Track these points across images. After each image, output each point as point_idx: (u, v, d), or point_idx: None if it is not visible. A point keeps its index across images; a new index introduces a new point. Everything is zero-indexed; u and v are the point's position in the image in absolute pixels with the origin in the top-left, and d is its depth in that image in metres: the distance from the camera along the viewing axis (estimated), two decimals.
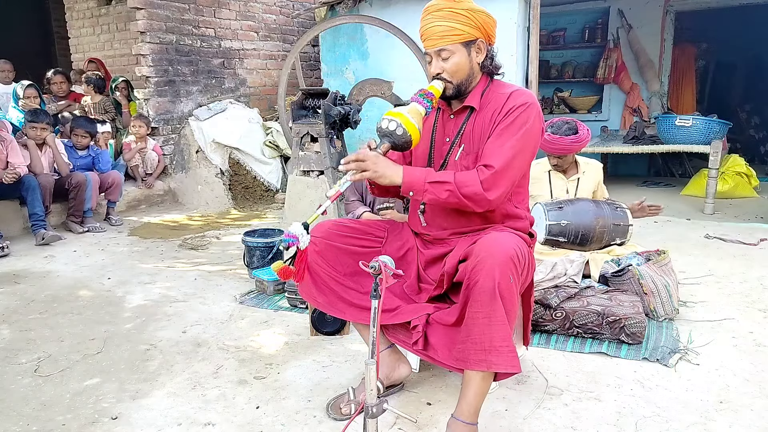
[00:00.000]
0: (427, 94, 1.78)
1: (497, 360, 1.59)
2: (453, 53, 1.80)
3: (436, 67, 1.82)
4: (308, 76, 7.17)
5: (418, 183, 1.76)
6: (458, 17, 1.77)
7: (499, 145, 1.77)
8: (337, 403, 1.98)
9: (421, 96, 1.78)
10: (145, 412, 2.01)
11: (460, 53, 1.80)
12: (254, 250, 3.38)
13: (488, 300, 1.59)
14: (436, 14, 1.79)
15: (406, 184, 1.77)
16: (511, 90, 1.85)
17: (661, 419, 1.89)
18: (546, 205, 3.06)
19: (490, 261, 1.61)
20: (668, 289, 2.65)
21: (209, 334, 2.66)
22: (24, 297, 3.18)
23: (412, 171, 1.79)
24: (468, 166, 1.85)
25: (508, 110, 1.79)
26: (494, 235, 1.72)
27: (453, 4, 1.77)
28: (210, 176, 5.88)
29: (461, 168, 1.85)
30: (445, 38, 1.78)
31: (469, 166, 1.84)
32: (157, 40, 5.70)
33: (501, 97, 1.84)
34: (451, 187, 1.73)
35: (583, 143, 3.15)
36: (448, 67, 1.81)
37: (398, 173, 1.76)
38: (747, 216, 4.84)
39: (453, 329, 1.75)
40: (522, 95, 1.83)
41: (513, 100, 1.80)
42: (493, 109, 1.83)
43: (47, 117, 4.67)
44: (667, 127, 5.13)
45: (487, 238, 1.70)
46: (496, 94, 1.86)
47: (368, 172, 1.72)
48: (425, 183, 1.75)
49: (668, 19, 6.62)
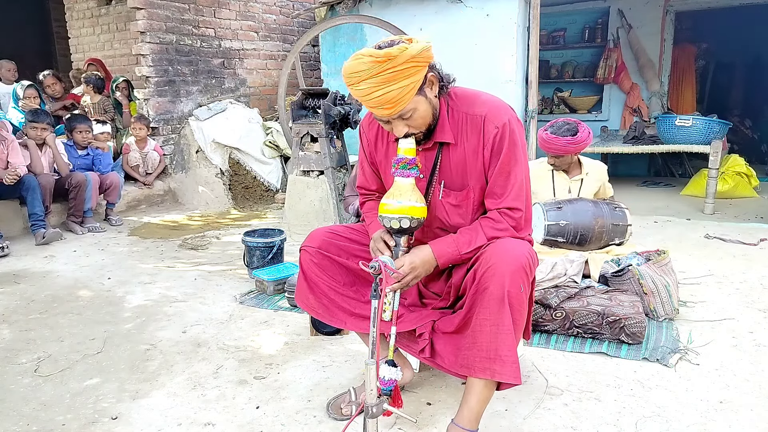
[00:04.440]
0: (409, 162, 1.65)
1: (501, 369, 1.58)
2: (415, 109, 1.60)
3: (400, 128, 1.63)
4: (308, 76, 7.17)
5: (454, 258, 1.72)
6: (403, 74, 1.52)
7: (511, 179, 1.69)
8: (337, 403, 1.98)
9: (404, 168, 1.65)
10: (145, 412, 2.01)
11: (420, 104, 1.61)
12: (254, 250, 3.38)
13: (497, 308, 1.57)
14: (374, 80, 1.51)
15: (444, 264, 1.73)
16: (482, 111, 1.69)
17: (661, 419, 1.89)
18: (545, 206, 3.06)
19: (501, 268, 1.58)
20: (668, 289, 2.65)
21: (209, 334, 2.66)
22: (24, 297, 3.18)
23: (443, 250, 1.71)
24: (454, 203, 1.77)
25: (495, 139, 1.66)
26: (506, 241, 1.68)
27: (389, 63, 1.50)
28: (210, 176, 5.88)
29: (446, 206, 1.78)
30: (401, 101, 1.55)
31: (458, 203, 1.77)
32: (157, 40, 5.70)
33: (475, 121, 1.69)
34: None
35: (581, 145, 3.14)
36: (414, 123, 1.64)
37: (432, 262, 1.70)
38: (747, 216, 4.84)
39: (458, 335, 1.74)
40: (497, 115, 1.67)
41: (492, 126, 1.66)
42: (473, 140, 1.70)
43: (47, 117, 4.68)
44: (667, 127, 5.13)
45: (499, 244, 1.66)
46: (466, 116, 1.71)
47: (414, 280, 1.69)
48: (461, 255, 1.71)
49: (668, 19, 6.62)
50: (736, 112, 7.74)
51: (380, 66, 1.50)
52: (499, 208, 1.71)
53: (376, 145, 1.89)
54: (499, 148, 1.68)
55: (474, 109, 1.71)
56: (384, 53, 1.50)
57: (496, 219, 1.71)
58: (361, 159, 1.99)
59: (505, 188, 1.70)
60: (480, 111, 1.70)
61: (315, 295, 1.89)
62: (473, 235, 1.72)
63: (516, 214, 1.70)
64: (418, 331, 1.82)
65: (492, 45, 5.29)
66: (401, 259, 1.68)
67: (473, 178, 1.73)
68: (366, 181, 2.01)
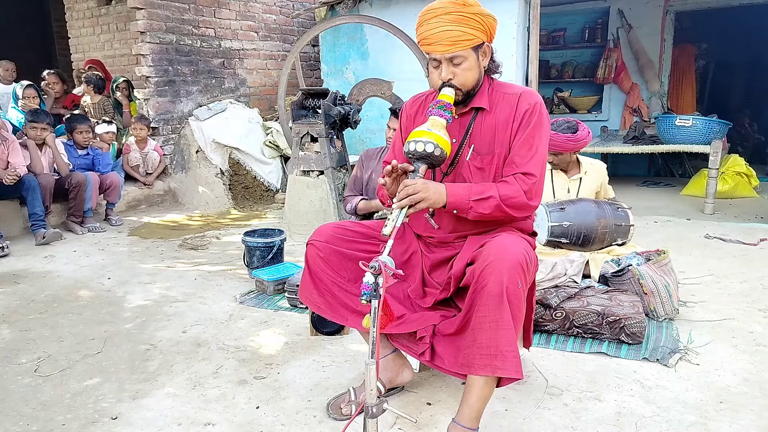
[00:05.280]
0: (445, 105, 1.74)
1: (502, 365, 1.58)
2: (465, 59, 1.76)
3: (447, 72, 1.77)
4: (308, 76, 7.17)
5: (462, 202, 1.75)
6: (469, 21, 1.72)
7: (532, 151, 1.78)
8: (337, 403, 1.98)
9: (440, 108, 1.74)
10: (145, 412, 2.01)
11: (471, 58, 1.77)
12: (254, 250, 3.38)
13: (496, 304, 1.58)
14: (445, 18, 1.72)
15: (451, 204, 1.75)
16: (518, 90, 1.85)
17: (661, 419, 1.89)
18: (548, 206, 3.06)
19: (499, 265, 1.60)
20: (668, 289, 2.65)
21: (209, 334, 2.66)
22: (24, 297, 3.18)
23: (455, 190, 1.76)
24: (479, 165, 1.85)
25: (525, 113, 1.80)
26: (503, 238, 1.70)
27: (462, 8, 1.72)
28: (210, 176, 5.88)
29: (471, 167, 1.85)
30: (457, 44, 1.73)
31: (483, 166, 1.84)
32: (157, 40, 5.70)
33: (510, 99, 1.84)
34: (496, 201, 1.73)
35: (579, 143, 3.14)
36: (459, 73, 1.77)
37: (443, 195, 1.73)
38: (747, 216, 4.84)
39: (458, 336, 1.74)
40: (532, 95, 1.84)
41: (526, 102, 1.81)
42: (506, 111, 1.83)
43: (47, 117, 4.68)
44: (667, 127, 5.14)
45: (496, 241, 1.68)
46: (502, 95, 1.86)
47: (422, 202, 1.69)
48: (470, 201, 1.74)
49: (668, 19, 6.62)
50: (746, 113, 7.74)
51: (455, 7, 1.71)
52: (516, 173, 1.79)
53: (415, 120, 1.98)
54: (528, 122, 1.80)
55: (510, 89, 1.88)
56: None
57: (510, 181, 1.78)
58: (395, 138, 2.08)
59: (525, 158, 1.79)
60: (516, 91, 1.86)
61: (319, 290, 1.90)
62: (486, 187, 1.78)
63: (530, 179, 1.77)
64: (419, 334, 1.82)
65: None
66: (416, 179, 1.70)
67: (500, 145, 1.84)
68: (394, 156, 2.04)
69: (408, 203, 1.67)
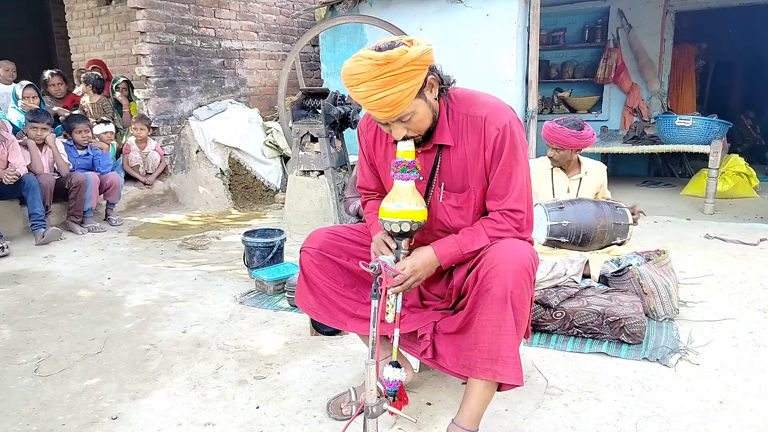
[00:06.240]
0: (408, 165, 1.63)
1: (503, 370, 1.58)
2: (414, 113, 1.57)
3: (399, 131, 1.61)
4: (308, 76, 7.17)
5: (456, 258, 1.72)
6: (402, 77, 1.48)
7: (512, 181, 1.68)
8: (337, 403, 1.97)
9: (403, 171, 1.63)
10: (145, 412, 2.01)
11: (420, 107, 1.58)
12: (254, 250, 3.38)
13: (499, 308, 1.57)
14: (373, 83, 1.48)
15: (446, 265, 1.74)
16: (482, 112, 1.67)
17: (661, 419, 1.89)
18: (547, 206, 3.06)
19: (504, 268, 1.58)
20: (668, 289, 2.65)
21: (209, 334, 2.66)
22: (24, 297, 3.18)
23: (445, 251, 1.71)
24: (455, 204, 1.76)
25: (496, 140, 1.65)
26: (508, 242, 1.68)
27: (389, 67, 1.46)
28: (210, 176, 5.88)
29: (447, 208, 1.77)
30: (399, 105, 1.52)
31: (459, 204, 1.76)
32: (157, 40, 5.70)
33: (476, 122, 1.67)
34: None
35: (582, 141, 3.14)
36: (413, 126, 1.61)
37: (435, 263, 1.71)
38: (747, 216, 4.84)
39: (459, 336, 1.73)
40: (498, 116, 1.66)
41: (493, 127, 1.64)
42: (473, 140, 1.68)
43: (47, 117, 4.68)
44: (667, 127, 5.13)
45: (501, 245, 1.66)
46: (466, 117, 1.69)
47: (416, 282, 1.69)
48: (464, 254, 1.71)
49: (668, 19, 6.62)
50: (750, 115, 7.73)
51: (379, 69, 1.47)
52: (501, 210, 1.71)
53: (375, 147, 1.88)
54: (500, 149, 1.66)
55: (474, 110, 1.69)
56: (384, 56, 1.46)
57: (498, 220, 1.71)
58: (360, 160, 1.99)
59: (507, 190, 1.69)
60: (480, 112, 1.67)
61: (315, 296, 1.89)
62: (475, 235, 1.71)
63: (518, 215, 1.70)
64: (420, 333, 1.81)
65: (492, 45, 5.29)
66: (402, 262, 1.68)
67: (474, 179, 1.72)
68: (366, 181, 2.00)
69: (403, 290, 1.67)
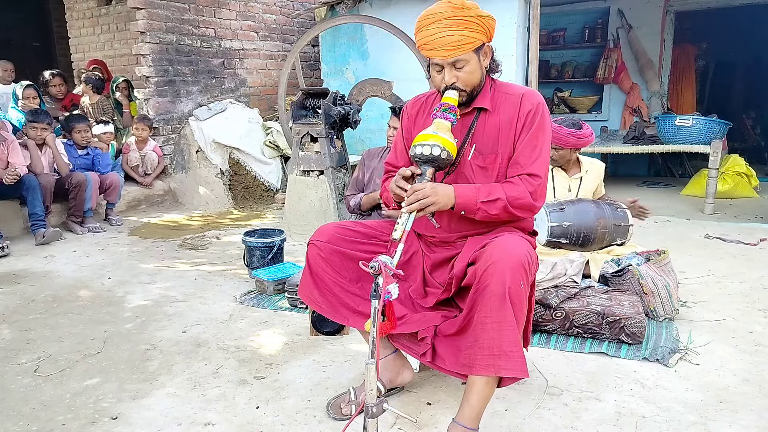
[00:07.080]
0: (449, 108, 1.76)
1: (506, 364, 1.59)
2: (467, 62, 1.77)
3: (450, 77, 1.79)
4: (308, 76, 7.17)
5: (470, 203, 1.76)
6: (469, 25, 1.73)
7: (536, 152, 1.81)
8: (338, 403, 1.98)
9: (444, 111, 1.76)
10: (145, 412, 2.01)
11: (473, 61, 1.78)
12: (254, 250, 3.38)
13: (498, 305, 1.59)
14: (445, 23, 1.72)
15: (459, 205, 1.76)
16: (520, 91, 1.87)
17: (661, 419, 1.89)
18: (548, 207, 3.06)
19: (501, 265, 1.60)
20: (668, 289, 2.65)
21: (209, 334, 2.66)
22: (24, 297, 3.18)
23: (464, 191, 1.77)
24: (482, 165, 1.86)
25: (529, 114, 1.82)
26: (506, 238, 1.71)
27: (462, 12, 1.73)
28: (210, 176, 5.88)
29: (474, 167, 1.87)
30: (459, 48, 1.74)
31: (485, 165, 1.86)
32: (157, 40, 5.70)
33: (513, 99, 1.85)
34: (503, 203, 1.75)
35: (581, 141, 3.15)
36: (462, 77, 1.78)
37: (452, 197, 1.75)
38: (747, 216, 4.84)
39: (459, 337, 1.74)
40: (534, 96, 1.86)
41: (529, 103, 1.83)
42: (509, 112, 1.84)
43: (47, 117, 4.68)
44: (667, 127, 5.14)
45: (498, 241, 1.69)
46: (504, 95, 1.87)
47: (432, 206, 1.71)
48: (478, 202, 1.76)
49: (668, 19, 6.62)
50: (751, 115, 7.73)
51: (454, 11, 1.72)
52: (521, 174, 1.81)
53: (416, 121, 2.01)
54: (531, 123, 1.83)
55: (512, 89, 1.90)
56: (460, 2, 1.73)
57: (516, 182, 1.80)
58: (396, 140, 2.10)
59: (530, 158, 1.82)
60: (519, 91, 1.88)
61: (319, 290, 1.90)
62: (493, 188, 1.79)
63: (536, 180, 1.80)
64: (420, 335, 1.82)
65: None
66: (424, 183, 1.72)
67: (503, 145, 1.85)
68: (396, 158, 2.07)
69: (418, 207, 1.68)
